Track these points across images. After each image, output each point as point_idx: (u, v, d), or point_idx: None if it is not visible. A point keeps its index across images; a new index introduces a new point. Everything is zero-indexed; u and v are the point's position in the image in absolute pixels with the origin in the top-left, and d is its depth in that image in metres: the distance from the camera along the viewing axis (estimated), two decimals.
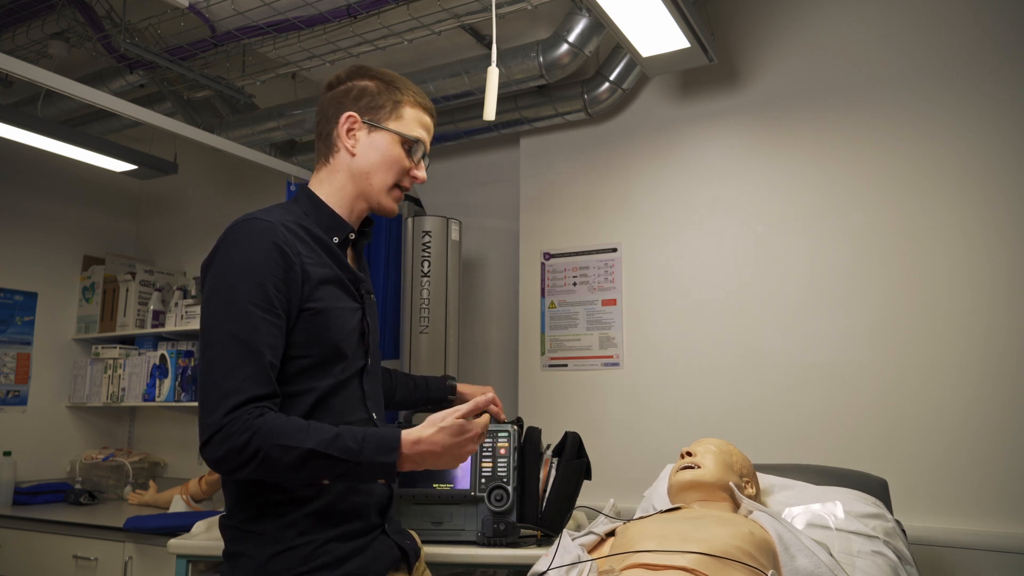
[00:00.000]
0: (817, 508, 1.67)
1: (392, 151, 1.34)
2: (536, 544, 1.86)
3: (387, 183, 1.35)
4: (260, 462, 1.11)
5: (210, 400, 1.13)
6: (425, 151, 1.38)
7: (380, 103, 1.35)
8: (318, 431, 1.13)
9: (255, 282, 1.17)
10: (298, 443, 1.11)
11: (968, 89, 2.17)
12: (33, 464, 3.33)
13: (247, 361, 1.14)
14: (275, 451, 1.10)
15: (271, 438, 1.11)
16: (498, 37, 2.04)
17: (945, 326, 2.13)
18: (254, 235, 1.21)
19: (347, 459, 1.12)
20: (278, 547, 1.20)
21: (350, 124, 1.34)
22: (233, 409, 1.11)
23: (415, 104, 1.37)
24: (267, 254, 1.19)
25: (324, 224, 1.33)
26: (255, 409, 1.12)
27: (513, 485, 1.85)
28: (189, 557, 2.00)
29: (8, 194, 3.39)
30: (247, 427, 1.10)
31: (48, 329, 3.50)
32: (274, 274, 1.19)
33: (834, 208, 2.33)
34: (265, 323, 1.16)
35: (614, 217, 2.71)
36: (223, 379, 1.13)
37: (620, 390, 2.61)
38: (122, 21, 2.48)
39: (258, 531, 1.22)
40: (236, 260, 1.19)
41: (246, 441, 1.10)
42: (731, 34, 2.55)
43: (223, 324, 1.16)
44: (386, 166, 1.34)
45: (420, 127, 1.37)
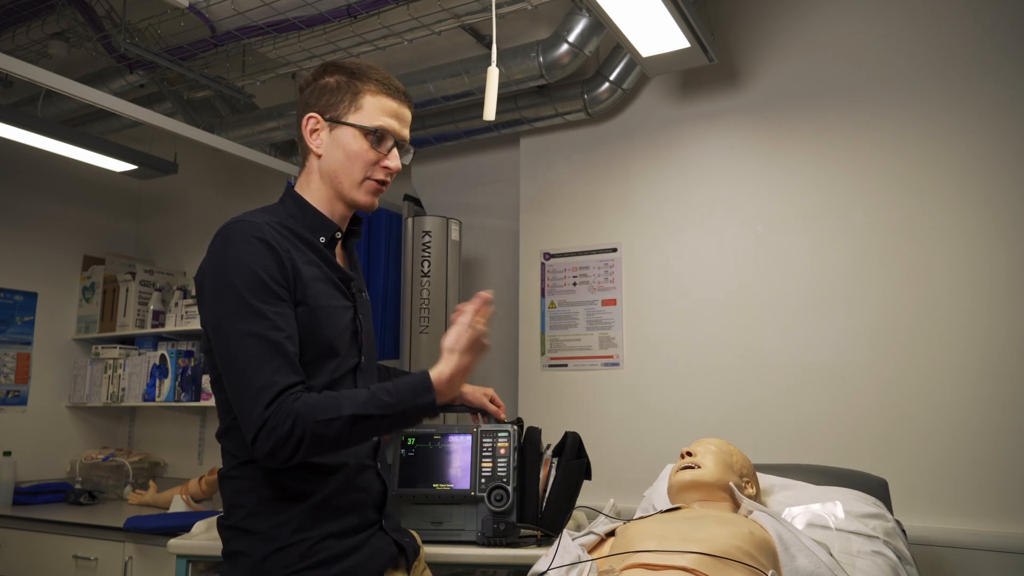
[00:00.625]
0: (817, 508, 1.67)
1: (354, 146, 1.31)
2: (536, 544, 1.86)
3: (356, 179, 1.32)
4: (309, 443, 1.13)
5: (246, 401, 1.14)
6: (397, 137, 1.34)
7: (339, 98, 1.32)
8: (351, 397, 1.16)
9: (255, 278, 1.18)
10: (337, 413, 1.13)
11: (968, 89, 2.17)
12: (33, 464, 3.33)
13: (271, 355, 1.15)
14: (319, 427, 1.12)
15: (312, 416, 1.13)
16: (498, 37, 2.04)
17: (945, 326, 2.13)
18: (243, 234, 1.22)
19: (388, 413, 1.16)
20: (274, 545, 1.21)
21: (312, 125, 1.33)
22: (270, 403, 1.13)
23: (377, 92, 1.33)
24: (258, 249, 1.20)
25: (310, 224, 1.33)
26: (290, 396, 1.14)
27: (513, 485, 1.85)
28: (189, 557, 2.00)
29: (8, 194, 3.39)
30: (288, 414, 1.12)
31: (48, 329, 3.50)
32: (273, 269, 1.20)
33: (834, 208, 2.33)
34: (276, 315, 1.18)
35: (614, 217, 2.71)
36: (254, 377, 1.14)
37: (620, 390, 2.61)
38: (122, 21, 2.48)
39: (254, 529, 1.23)
40: (231, 261, 1.20)
41: (290, 428, 1.12)
42: (731, 34, 2.56)
43: (237, 325, 1.17)
44: (350, 162, 1.31)
45: (384, 114, 1.33)
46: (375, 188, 1.34)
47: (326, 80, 1.34)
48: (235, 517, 1.25)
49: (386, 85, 1.34)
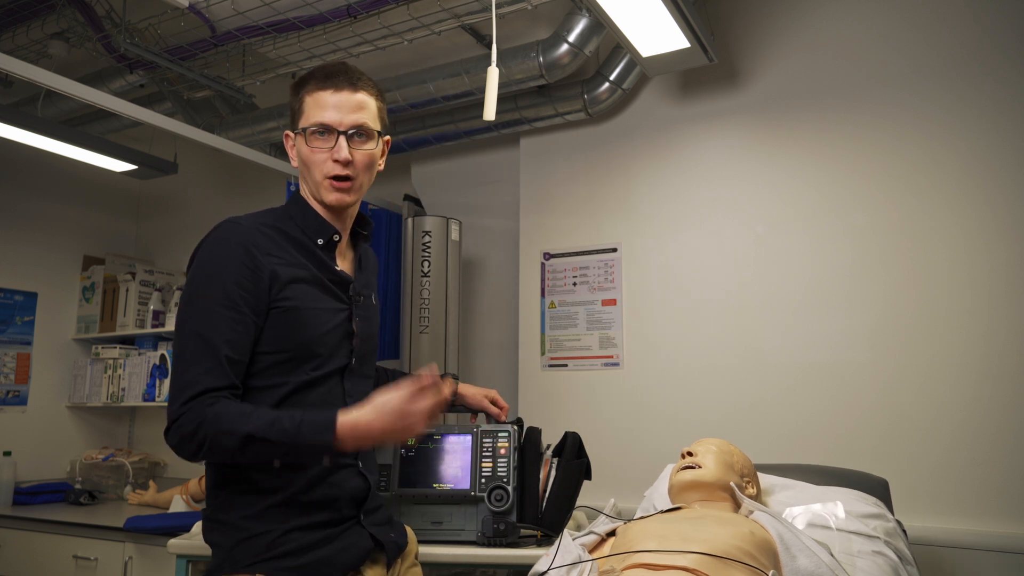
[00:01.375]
0: (818, 508, 1.67)
1: (304, 150, 1.33)
2: (536, 544, 1.86)
3: (317, 181, 1.33)
4: (208, 448, 1.17)
5: (172, 393, 1.21)
6: (339, 128, 1.31)
7: (295, 110, 1.35)
8: (259, 416, 1.18)
9: (219, 281, 1.23)
10: (237, 428, 1.16)
11: (968, 89, 2.17)
12: (33, 464, 3.33)
13: (205, 356, 1.20)
14: (219, 437, 1.16)
15: (216, 425, 1.16)
16: (498, 37, 2.04)
17: (945, 326, 2.13)
18: (223, 238, 1.27)
19: (284, 441, 1.17)
20: (241, 535, 1.24)
21: (288, 143, 1.39)
22: (188, 400, 1.18)
23: (313, 90, 1.33)
24: (233, 254, 1.24)
25: (310, 226, 1.36)
26: (208, 399, 1.18)
27: (513, 485, 1.85)
28: (189, 557, 2.00)
29: (8, 194, 3.39)
30: (197, 416, 1.17)
31: (48, 329, 3.50)
32: (239, 273, 1.23)
33: (834, 208, 2.33)
34: (226, 320, 1.22)
35: (614, 217, 2.71)
36: (183, 373, 1.20)
37: (620, 390, 2.61)
38: (122, 21, 2.48)
39: (225, 520, 1.27)
40: (205, 262, 1.26)
41: (194, 429, 1.17)
42: (731, 34, 2.56)
43: (188, 322, 1.24)
44: (308, 168, 1.34)
45: (321, 108, 1.31)
46: (332, 185, 1.33)
47: (290, 94, 1.39)
48: (210, 507, 1.30)
49: (320, 79, 1.33)
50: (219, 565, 1.25)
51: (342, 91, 1.32)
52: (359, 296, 1.40)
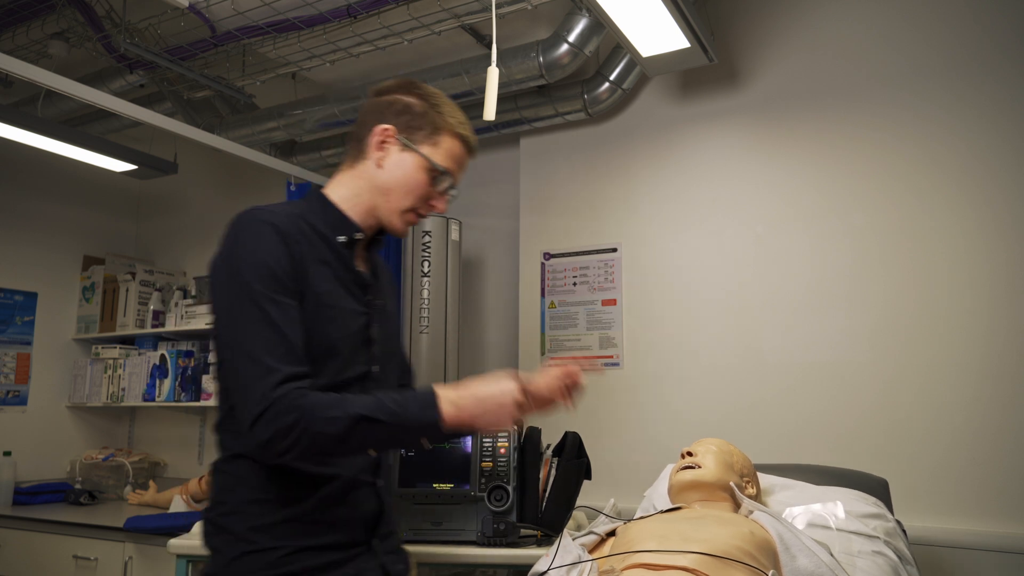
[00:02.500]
0: (818, 508, 1.67)
1: (417, 176, 1.30)
2: (536, 544, 1.86)
3: (403, 205, 1.31)
4: (309, 440, 1.09)
5: (250, 385, 1.11)
6: (453, 184, 1.34)
7: (419, 124, 1.31)
8: (356, 399, 1.13)
9: (264, 266, 1.16)
10: (342, 412, 1.10)
11: (968, 89, 2.17)
12: (33, 464, 3.33)
13: (278, 343, 1.13)
14: (321, 424, 1.09)
15: (316, 412, 1.09)
16: (498, 37, 2.04)
17: (945, 326, 2.13)
18: (253, 222, 1.20)
19: (392, 422, 1.12)
20: (245, 547, 1.17)
21: (384, 136, 1.31)
22: (276, 387, 1.10)
23: (455, 135, 1.33)
24: (269, 238, 1.18)
25: (330, 222, 1.30)
26: (296, 388, 1.11)
27: (513, 485, 1.85)
28: (189, 557, 2.00)
29: (8, 194, 3.39)
30: (292, 407, 1.09)
31: (48, 329, 3.50)
32: (279, 257, 1.18)
33: (834, 208, 2.33)
34: (285, 306, 1.16)
35: (614, 217, 2.71)
36: (259, 363, 1.11)
37: (620, 390, 2.61)
38: (122, 21, 2.48)
39: (230, 528, 1.19)
40: (240, 248, 1.18)
41: (293, 420, 1.08)
42: (731, 34, 2.56)
43: (244, 311, 1.15)
44: (407, 188, 1.30)
45: (453, 159, 1.33)
46: (413, 220, 1.34)
47: (411, 100, 1.33)
48: (215, 511, 1.22)
49: (465, 135, 1.36)
50: (218, 572, 1.19)
51: (470, 156, 1.39)
52: (377, 301, 1.36)
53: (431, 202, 1.33)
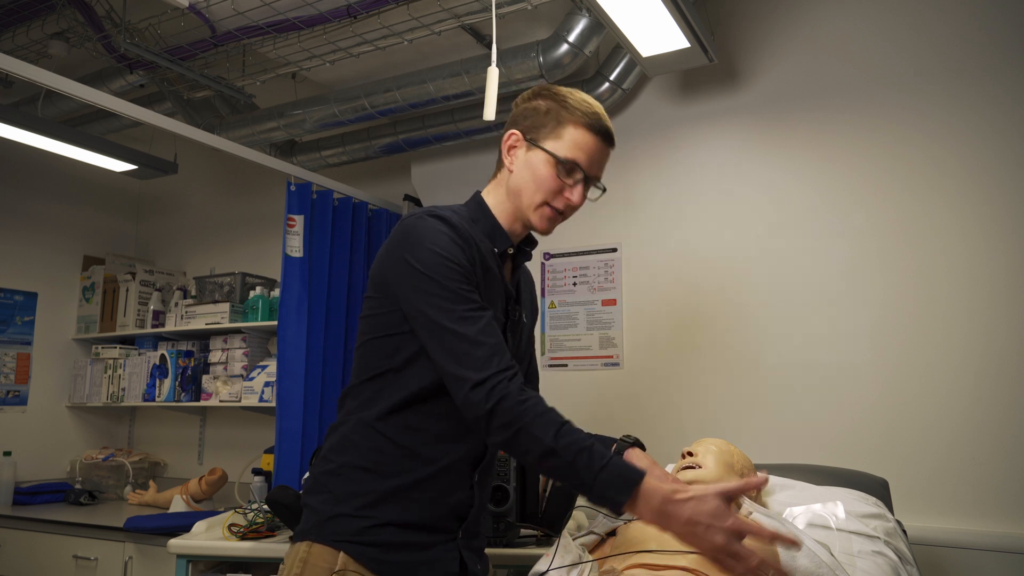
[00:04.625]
0: (818, 508, 1.67)
1: (542, 170, 1.32)
2: (536, 544, 1.86)
3: (535, 202, 1.34)
4: (517, 434, 1.12)
5: (472, 355, 1.16)
6: (586, 174, 1.35)
7: (543, 122, 1.34)
8: (569, 433, 1.14)
9: (447, 263, 1.22)
10: (546, 436, 1.12)
11: (968, 90, 2.17)
12: (33, 464, 3.33)
13: (489, 331, 1.19)
14: (531, 434, 1.12)
15: (533, 419, 1.13)
16: (498, 37, 2.04)
17: (944, 326, 2.13)
18: (431, 223, 1.26)
19: (580, 477, 1.11)
20: (341, 509, 1.23)
21: (512, 142, 1.36)
22: (490, 358, 1.15)
23: (580, 124, 1.34)
24: (447, 238, 1.24)
25: (488, 231, 1.36)
26: (519, 382, 1.16)
27: (513, 485, 1.85)
28: (189, 557, 2.00)
29: (8, 194, 3.40)
30: (517, 398, 1.13)
31: (48, 329, 3.50)
32: (458, 256, 1.23)
33: (834, 208, 2.33)
34: (477, 298, 1.22)
35: (614, 217, 2.71)
36: (477, 340, 1.16)
37: (620, 390, 2.61)
38: (122, 21, 2.48)
39: (329, 487, 1.25)
40: (428, 250, 1.22)
41: (520, 401, 1.13)
42: (731, 34, 2.56)
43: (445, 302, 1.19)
44: (535, 185, 1.33)
45: (580, 148, 1.34)
46: (551, 215, 1.35)
47: (537, 103, 1.37)
48: (320, 468, 1.29)
49: (591, 121, 1.35)
50: (307, 530, 1.24)
51: (604, 143, 1.38)
52: (516, 312, 1.40)
53: (564, 194, 1.34)
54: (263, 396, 2.95)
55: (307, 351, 2.58)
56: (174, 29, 2.51)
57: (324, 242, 2.73)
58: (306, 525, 1.26)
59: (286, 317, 2.56)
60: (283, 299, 2.57)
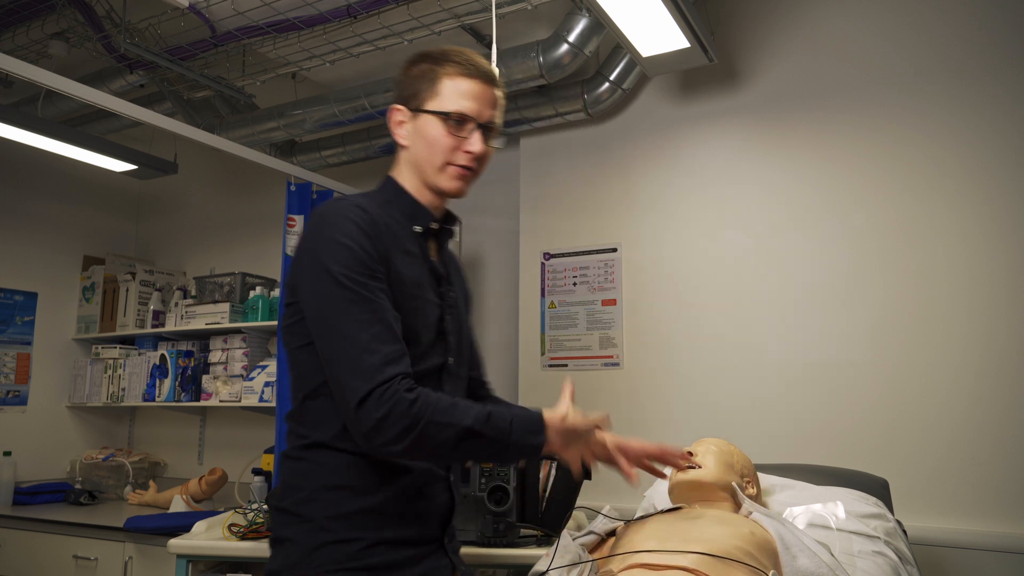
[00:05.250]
0: (818, 508, 1.67)
1: (432, 131, 1.26)
2: (536, 544, 1.86)
3: (436, 164, 1.27)
4: (419, 436, 1.06)
5: (351, 365, 1.08)
6: (476, 121, 1.27)
7: (420, 86, 1.28)
8: (471, 408, 1.10)
9: (353, 256, 1.15)
10: (456, 420, 1.08)
11: (968, 90, 2.17)
12: (33, 464, 3.33)
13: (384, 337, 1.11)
14: (435, 428, 1.07)
15: (432, 413, 1.07)
16: (498, 37, 2.04)
17: (945, 326, 2.13)
18: (338, 213, 1.19)
19: (498, 439, 1.10)
20: (327, 537, 1.15)
21: (397, 117, 1.31)
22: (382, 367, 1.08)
23: (455, 74, 1.27)
24: (353, 228, 1.17)
25: (406, 211, 1.30)
26: (406, 382, 1.09)
27: (513, 485, 1.85)
28: (189, 557, 2.00)
29: (8, 194, 3.39)
30: (405, 400, 1.07)
31: (48, 329, 3.50)
32: (365, 246, 1.16)
33: (834, 208, 2.33)
34: (380, 295, 1.15)
35: (614, 217, 2.71)
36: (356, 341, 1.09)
37: (620, 390, 2.61)
38: (122, 21, 2.48)
39: (309, 516, 1.16)
40: (327, 240, 1.16)
41: (405, 410, 1.06)
42: (731, 34, 2.56)
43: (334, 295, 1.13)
44: (430, 149, 1.27)
45: (463, 97, 1.26)
46: (458, 173, 1.29)
47: (412, 70, 1.30)
48: (290, 499, 1.19)
49: (465, 66, 1.27)
50: (295, 564, 1.15)
51: (487, 85, 1.29)
52: (450, 293, 1.35)
53: (463, 148, 1.27)
54: (263, 396, 2.95)
55: None
56: (174, 29, 2.51)
57: None
58: (289, 560, 1.16)
59: None
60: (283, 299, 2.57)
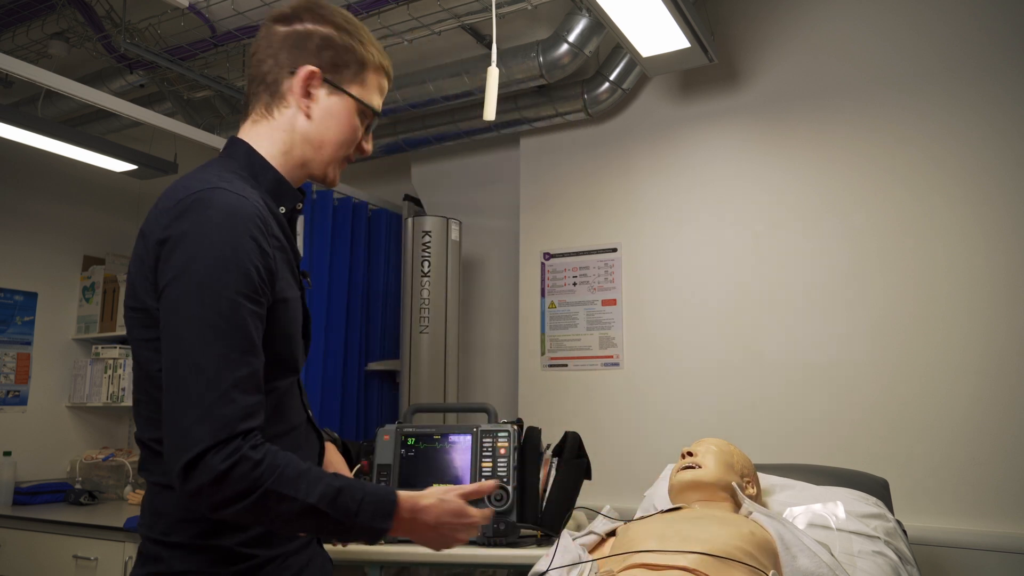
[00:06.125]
0: (818, 508, 1.67)
1: (351, 121, 1.14)
2: (536, 544, 1.86)
3: (339, 156, 1.15)
4: (253, 505, 0.91)
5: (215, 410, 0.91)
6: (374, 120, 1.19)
7: (345, 61, 1.13)
8: (319, 482, 0.96)
9: (237, 267, 0.96)
10: (300, 495, 0.93)
11: (968, 90, 2.17)
12: (33, 464, 3.32)
13: (239, 369, 0.94)
14: (275, 500, 0.92)
15: (275, 483, 0.92)
16: (498, 37, 2.04)
17: (945, 326, 2.13)
18: (231, 211, 0.98)
19: (343, 521, 0.97)
20: (244, 564, 1.04)
21: (311, 81, 1.11)
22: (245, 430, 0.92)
23: (378, 67, 1.17)
24: (245, 232, 0.98)
25: (272, 189, 1.10)
26: (254, 439, 0.93)
27: (513, 485, 1.85)
28: None
29: (8, 194, 3.39)
30: (247, 462, 0.91)
31: (48, 329, 3.50)
32: (257, 256, 0.98)
33: (834, 208, 2.33)
34: (254, 317, 0.97)
35: (614, 217, 2.71)
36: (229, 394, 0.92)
37: (620, 390, 2.61)
38: (122, 21, 2.48)
39: (218, 545, 1.03)
40: (216, 240, 0.96)
41: (255, 463, 0.91)
42: (731, 34, 2.56)
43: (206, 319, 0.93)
44: (342, 136, 1.14)
45: (379, 93, 1.18)
46: (344, 167, 1.19)
47: (328, 31, 1.13)
48: (190, 532, 1.02)
49: (384, 59, 1.19)
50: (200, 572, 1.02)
51: (389, 83, 1.22)
52: (306, 280, 1.19)
53: (362, 144, 1.18)
54: None
55: None
56: (174, 29, 2.51)
57: (324, 242, 2.73)
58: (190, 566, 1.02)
59: None
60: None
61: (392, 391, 3.02)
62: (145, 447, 1.06)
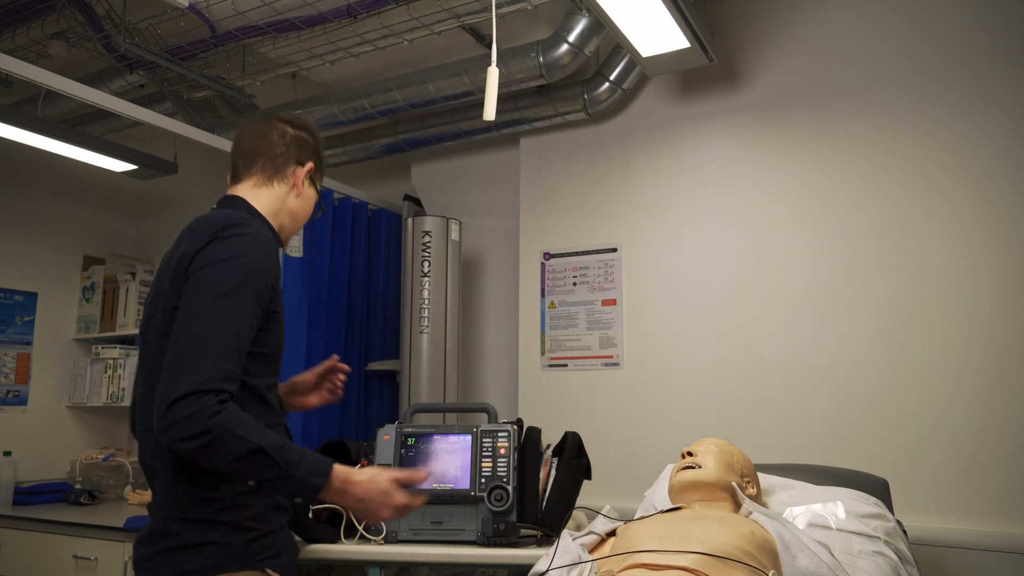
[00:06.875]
0: (818, 508, 1.67)
1: (311, 204, 1.58)
2: (536, 544, 1.86)
3: (296, 229, 1.57)
4: (210, 443, 1.16)
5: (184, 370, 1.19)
6: None
7: (320, 164, 1.58)
8: (268, 434, 1.21)
9: (260, 280, 1.31)
10: (250, 437, 1.18)
11: (968, 90, 2.17)
12: (33, 464, 3.32)
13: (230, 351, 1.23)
14: (229, 439, 1.17)
15: (230, 425, 1.17)
16: (498, 37, 2.04)
17: (945, 326, 2.13)
18: (264, 239, 1.37)
19: (284, 469, 1.20)
20: (253, 533, 1.31)
21: (304, 173, 1.54)
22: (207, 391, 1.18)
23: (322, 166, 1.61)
24: (271, 259, 1.36)
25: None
26: (222, 397, 1.19)
27: (513, 485, 1.85)
28: None
29: (8, 194, 3.39)
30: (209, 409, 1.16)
31: (48, 329, 3.50)
32: (272, 277, 1.35)
33: (834, 208, 2.33)
34: (255, 317, 1.31)
35: (614, 217, 2.71)
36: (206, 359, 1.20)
37: (620, 390, 2.60)
38: (122, 21, 2.48)
39: (229, 520, 1.30)
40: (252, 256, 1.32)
41: (206, 419, 1.15)
42: (731, 34, 2.55)
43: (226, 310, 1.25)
44: (305, 214, 1.57)
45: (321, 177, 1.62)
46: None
47: (310, 139, 1.57)
48: (206, 511, 1.29)
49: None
50: (226, 563, 1.28)
51: None
52: None
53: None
54: None
55: (307, 350, 2.58)
56: (174, 29, 2.51)
57: (324, 242, 2.73)
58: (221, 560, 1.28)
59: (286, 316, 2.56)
60: (283, 299, 2.57)
61: (392, 391, 3.02)
62: None
